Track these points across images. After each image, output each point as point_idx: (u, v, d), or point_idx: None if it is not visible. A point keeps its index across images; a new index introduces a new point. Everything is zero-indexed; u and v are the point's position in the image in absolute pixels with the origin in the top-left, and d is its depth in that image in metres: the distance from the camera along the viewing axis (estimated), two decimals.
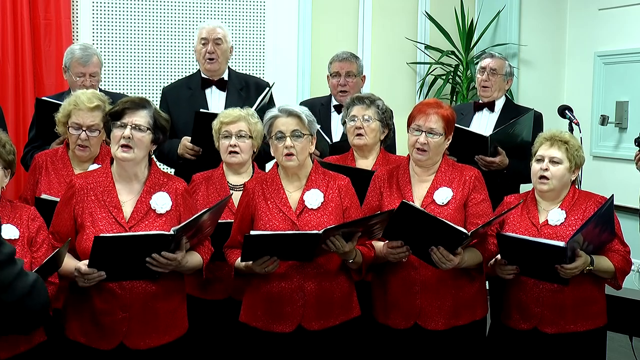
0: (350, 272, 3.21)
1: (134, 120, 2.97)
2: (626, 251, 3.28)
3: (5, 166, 2.95)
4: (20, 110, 5.31)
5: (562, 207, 3.29)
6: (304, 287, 3.09)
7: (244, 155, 3.55)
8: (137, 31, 5.75)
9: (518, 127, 4.18)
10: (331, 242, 2.98)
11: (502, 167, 4.17)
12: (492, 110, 4.52)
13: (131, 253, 2.84)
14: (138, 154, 2.98)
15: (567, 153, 3.29)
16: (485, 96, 4.53)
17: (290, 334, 3.11)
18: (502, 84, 4.54)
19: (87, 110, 3.49)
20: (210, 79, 4.41)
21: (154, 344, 2.99)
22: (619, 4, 5.88)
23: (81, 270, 2.83)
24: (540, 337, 3.26)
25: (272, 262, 3.00)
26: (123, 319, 2.94)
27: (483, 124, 4.52)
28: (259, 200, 3.16)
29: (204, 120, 3.80)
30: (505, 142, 4.17)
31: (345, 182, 3.22)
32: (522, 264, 3.19)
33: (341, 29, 6.25)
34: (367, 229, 3.06)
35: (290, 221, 3.10)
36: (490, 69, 4.50)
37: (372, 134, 3.76)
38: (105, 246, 2.79)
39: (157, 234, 2.86)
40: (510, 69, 4.59)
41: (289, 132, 3.13)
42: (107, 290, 2.92)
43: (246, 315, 3.19)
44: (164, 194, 3.03)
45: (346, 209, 3.17)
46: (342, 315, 3.17)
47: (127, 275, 2.92)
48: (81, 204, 2.99)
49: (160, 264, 2.86)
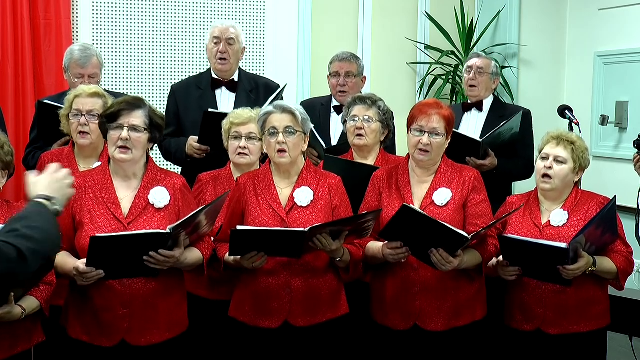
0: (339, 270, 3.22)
1: (131, 121, 2.98)
2: (628, 252, 3.29)
3: (3, 167, 2.96)
4: (20, 110, 5.31)
5: (565, 207, 3.29)
6: (291, 284, 3.11)
7: (252, 157, 3.57)
8: (137, 31, 5.74)
9: (507, 128, 4.23)
10: (317, 240, 2.99)
11: (492, 168, 4.20)
12: (480, 110, 4.56)
13: (128, 252, 2.84)
14: (136, 154, 3.00)
15: (573, 154, 3.29)
16: (472, 95, 4.58)
17: (277, 329, 3.12)
18: (489, 83, 4.59)
19: (86, 96, 3.60)
20: (220, 79, 4.39)
21: (155, 340, 2.99)
22: (619, 4, 5.88)
23: (79, 269, 2.84)
24: (543, 338, 3.26)
25: (259, 258, 3.02)
26: (124, 315, 2.95)
27: (472, 124, 4.56)
28: (249, 195, 3.18)
29: (213, 120, 3.79)
30: (494, 142, 4.20)
31: (336, 181, 3.23)
32: (525, 266, 3.19)
33: (341, 29, 6.24)
34: (355, 228, 3.07)
35: (279, 218, 3.12)
36: (477, 67, 4.55)
37: (372, 134, 3.75)
38: (102, 246, 2.79)
39: (153, 233, 2.86)
40: (496, 69, 4.65)
41: (282, 128, 3.14)
42: (107, 287, 2.93)
43: (235, 310, 3.21)
44: (162, 188, 3.04)
45: (335, 208, 3.19)
46: (329, 312, 3.18)
47: (126, 273, 2.92)
48: (79, 202, 2.99)
49: (158, 262, 2.87)
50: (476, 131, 4.47)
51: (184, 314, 3.13)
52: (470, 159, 4.13)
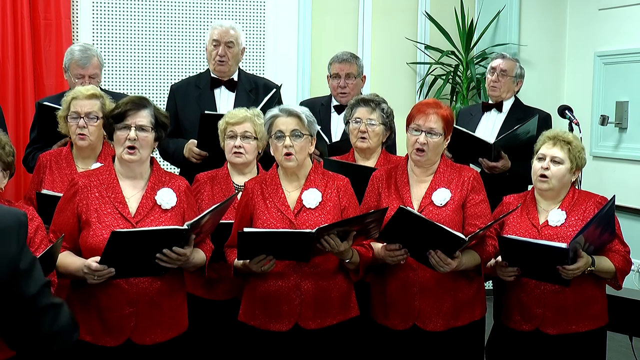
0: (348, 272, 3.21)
1: (137, 121, 2.98)
2: (626, 251, 3.29)
3: (5, 167, 2.95)
4: (20, 110, 5.31)
5: (562, 207, 3.29)
6: (301, 286, 3.10)
7: (248, 156, 3.56)
8: (137, 31, 5.74)
9: (522, 130, 4.19)
10: (325, 241, 2.98)
11: (504, 170, 4.18)
12: (500, 110, 4.55)
13: (144, 248, 2.84)
14: (144, 154, 3.01)
15: (570, 154, 3.28)
16: (493, 96, 4.57)
17: (287, 332, 3.11)
18: (512, 85, 4.57)
19: (84, 98, 3.59)
20: (219, 79, 4.39)
21: (160, 339, 3.00)
22: (619, 4, 5.88)
23: (92, 267, 2.83)
24: (542, 338, 3.26)
25: (268, 261, 3.01)
26: (130, 314, 2.94)
27: (490, 124, 4.55)
28: (258, 199, 3.17)
29: (210, 122, 3.79)
30: (510, 145, 4.17)
31: (344, 183, 3.22)
32: (524, 266, 3.19)
33: (341, 29, 6.24)
34: (362, 228, 3.05)
35: (288, 220, 3.11)
36: (500, 70, 4.53)
37: (375, 137, 3.75)
38: (122, 241, 2.78)
39: (173, 229, 2.86)
40: (521, 71, 4.61)
41: (289, 131, 3.13)
42: (114, 286, 2.92)
43: (244, 314, 3.20)
44: (169, 190, 3.05)
45: (344, 209, 3.18)
46: (339, 315, 3.17)
47: (134, 271, 2.92)
48: (85, 201, 2.99)
49: (170, 260, 2.87)
50: (494, 131, 4.45)
51: (185, 314, 3.14)
52: (482, 160, 4.12)
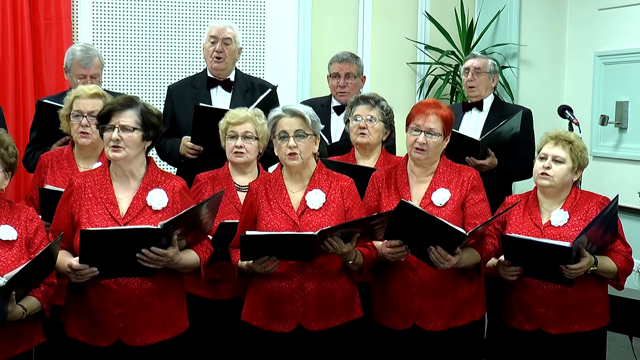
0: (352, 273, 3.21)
1: (121, 121, 2.98)
2: (628, 251, 3.30)
3: (7, 168, 2.95)
4: (20, 110, 5.31)
5: (565, 207, 3.29)
6: (304, 287, 3.09)
7: (249, 155, 3.56)
8: (137, 31, 5.74)
9: (507, 127, 4.22)
10: (329, 242, 2.98)
11: (492, 167, 4.20)
12: (480, 109, 4.55)
13: (120, 248, 2.83)
14: (129, 152, 2.99)
15: (571, 153, 3.29)
16: (472, 96, 4.58)
17: (290, 333, 3.11)
18: (488, 82, 4.58)
19: (87, 97, 3.59)
20: (216, 78, 4.39)
21: (150, 341, 2.99)
22: (619, 4, 5.88)
23: (72, 266, 2.84)
24: (544, 338, 3.26)
25: (271, 262, 3.01)
26: (119, 315, 2.94)
27: (472, 123, 4.55)
28: (262, 200, 3.17)
29: (204, 115, 3.78)
30: (495, 142, 4.19)
31: (348, 183, 3.22)
32: (526, 265, 3.19)
33: (341, 29, 6.24)
34: (367, 230, 3.05)
35: (291, 221, 3.11)
36: (474, 68, 4.54)
37: (375, 134, 3.76)
38: (92, 240, 2.79)
39: (144, 228, 2.86)
40: (494, 67, 4.62)
41: (293, 132, 3.13)
42: (103, 287, 2.93)
43: (247, 315, 3.19)
44: (161, 190, 3.04)
45: (348, 210, 3.17)
46: (343, 316, 3.16)
47: (120, 272, 2.91)
48: (78, 201, 3.00)
49: (150, 260, 2.86)
50: (476, 131, 4.46)
51: (183, 314, 3.12)
52: (469, 159, 4.13)
